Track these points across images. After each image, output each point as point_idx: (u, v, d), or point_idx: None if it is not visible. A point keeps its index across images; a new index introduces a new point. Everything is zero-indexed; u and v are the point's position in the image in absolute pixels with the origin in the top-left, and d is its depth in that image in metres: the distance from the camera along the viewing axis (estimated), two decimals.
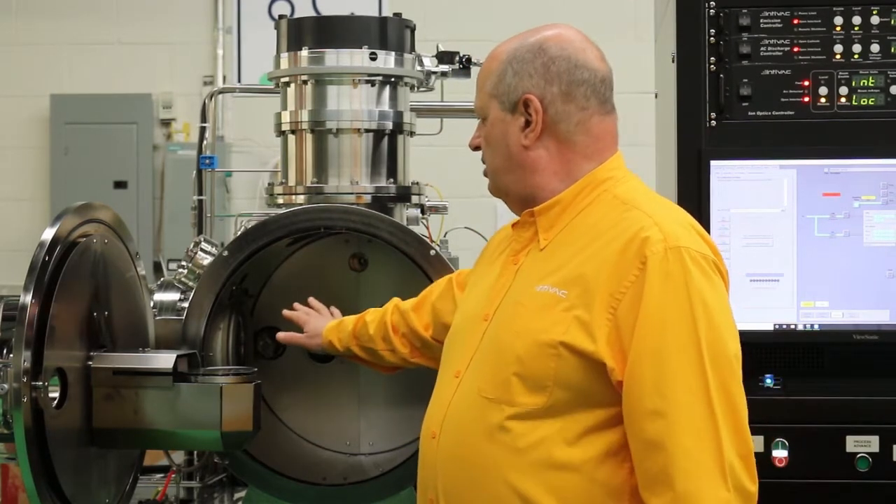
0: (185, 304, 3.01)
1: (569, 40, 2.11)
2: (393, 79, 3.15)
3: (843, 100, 2.94)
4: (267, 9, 7.71)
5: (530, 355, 2.00)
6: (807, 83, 2.94)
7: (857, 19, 2.93)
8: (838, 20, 2.94)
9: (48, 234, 2.53)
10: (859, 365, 2.92)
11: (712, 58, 2.94)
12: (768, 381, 2.92)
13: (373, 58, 3.10)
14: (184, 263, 3.09)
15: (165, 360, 2.73)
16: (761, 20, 2.95)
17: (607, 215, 2.06)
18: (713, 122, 2.94)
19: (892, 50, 2.93)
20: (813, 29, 2.95)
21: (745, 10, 2.94)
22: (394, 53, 3.14)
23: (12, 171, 7.89)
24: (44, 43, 7.79)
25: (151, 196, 7.74)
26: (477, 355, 2.10)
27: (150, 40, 7.76)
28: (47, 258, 2.49)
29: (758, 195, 2.90)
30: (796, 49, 2.95)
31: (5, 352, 2.51)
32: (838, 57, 2.94)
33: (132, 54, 7.78)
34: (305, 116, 3.12)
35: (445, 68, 3.34)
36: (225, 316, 3.12)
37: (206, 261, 3.03)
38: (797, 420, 2.91)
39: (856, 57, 2.94)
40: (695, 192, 2.91)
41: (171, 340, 2.99)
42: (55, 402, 2.53)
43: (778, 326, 2.91)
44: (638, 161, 3.08)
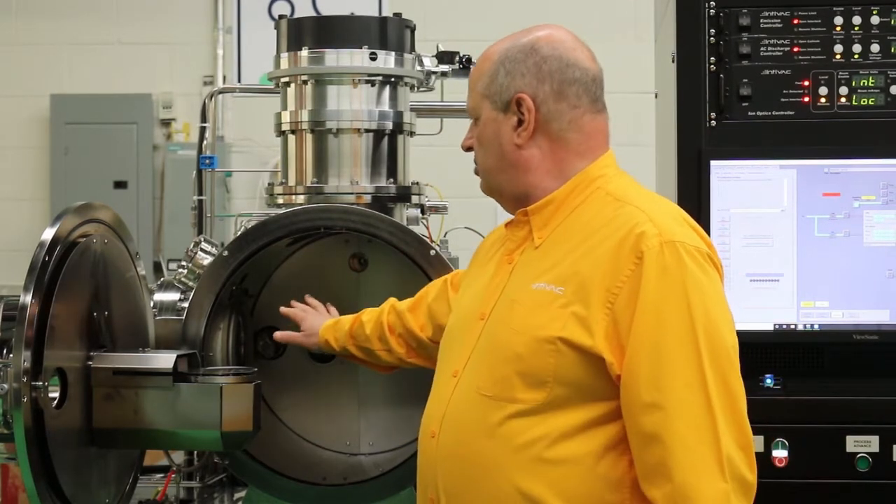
0: (185, 304, 3.01)
1: (560, 40, 2.13)
2: (393, 79, 3.15)
3: (843, 100, 2.94)
4: (267, 9, 7.71)
5: (529, 352, 2.00)
6: (807, 83, 2.94)
7: (857, 19, 2.93)
8: (838, 20, 2.94)
9: (48, 234, 2.53)
10: (859, 365, 2.92)
11: (712, 58, 2.94)
12: (768, 381, 2.92)
13: (373, 58, 3.10)
14: (184, 263, 3.09)
15: (165, 360, 2.73)
16: (761, 20, 2.95)
17: (601, 212, 2.07)
18: (713, 122, 2.94)
19: (892, 50, 2.93)
20: (813, 29, 2.95)
21: (745, 10, 2.94)
22: (394, 53, 3.14)
23: (12, 171, 7.89)
24: (44, 43, 7.79)
25: (151, 196, 7.74)
26: (474, 354, 2.11)
27: (149, 40, 7.76)
28: (47, 258, 2.49)
29: (758, 195, 2.90)
30: (796, 49, 2.95)
31: (5, 352, 2.51)
32: (838, 57, 2.94)
33: (132, 54, 7.78)
34: (305, 116, 3.12)
35: (445, 68, 3.34)
36: (225, 316, 3.12)
37: (206, 261, 3.03)
38: (797, 420, 2.91)
39: (856, 57, 2.94)
40: (695, 192, 2.91)
41: (171, 340, 2.99)
42: (55, 402, 2.53)
43: (778, 326, 2.91)
44: (638, 161, 3.10)
